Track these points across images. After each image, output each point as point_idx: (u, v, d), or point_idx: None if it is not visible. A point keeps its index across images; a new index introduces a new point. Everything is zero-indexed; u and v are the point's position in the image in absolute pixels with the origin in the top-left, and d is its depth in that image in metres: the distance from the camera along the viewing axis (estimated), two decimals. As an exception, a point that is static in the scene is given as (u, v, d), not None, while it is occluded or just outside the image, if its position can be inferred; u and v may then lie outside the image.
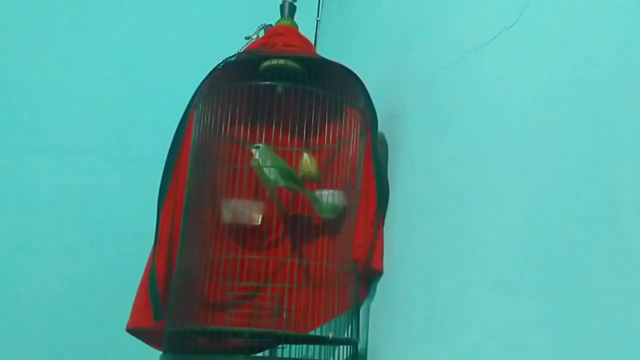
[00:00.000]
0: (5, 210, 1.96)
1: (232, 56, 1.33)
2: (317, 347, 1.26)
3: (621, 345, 0.57)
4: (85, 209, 2.01)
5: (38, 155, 2.02)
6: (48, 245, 1.95)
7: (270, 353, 1.35)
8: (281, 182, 1.27)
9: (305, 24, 1.52)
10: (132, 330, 1.28)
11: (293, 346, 1.28)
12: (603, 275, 0.60)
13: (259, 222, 1.37)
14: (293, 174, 1.29)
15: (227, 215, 1.34)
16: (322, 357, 1.24)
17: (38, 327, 1.89)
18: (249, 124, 1.34)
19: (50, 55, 2.12)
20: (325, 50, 1.75)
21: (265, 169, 1.26)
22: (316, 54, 1.39)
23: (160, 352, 1.26)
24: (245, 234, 1.38)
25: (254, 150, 1.26)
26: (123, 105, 2.12)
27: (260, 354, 1.36)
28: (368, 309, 1.26)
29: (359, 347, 1.24)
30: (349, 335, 1.23)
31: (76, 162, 2.04)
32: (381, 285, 1.21)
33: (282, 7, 1.45)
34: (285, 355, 1.28)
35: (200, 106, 1.33)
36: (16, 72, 2.08)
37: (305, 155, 1.33)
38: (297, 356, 1.29)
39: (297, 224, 1.36)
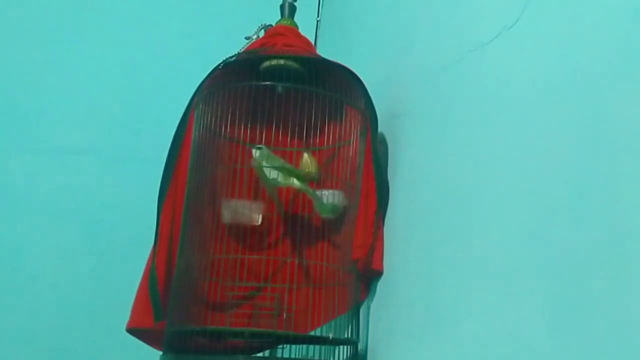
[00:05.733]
0: (4, 210, 1.96)
1: (232, 56, 1.32)
2: (317, 347, 1.26)
3: (622, 344, 0.57)
4: (85, 209, 2.01)
5: (38, 155, 2.02)
6: (47, 245, 1.95)
7: (270, 353, 1.35)
8: (282, 182, 1.27)
9: (305, 24, 1.52)
10: (132, 330, 1.28)
11: (293, 346, 1.28)
12: (604, 275, 0.60)
13: (259, 223, 1.37)
14: (294, 171, 1.29)
15: (227, 216, 1.34)
16: (322, 357, 1.24)
17: (37, 327, 1.88)
18: (249, 124, 1.34)
19: (50, 55, 2.11)
20: (325, 50, 1.75)
21: (265, 170, 1.26)
22: (316, 54, 1.39)
23: (161, 352, 1.26)
24: (245, 234, 1.38)
25: (254, 151, 1.26)
26: (123, 105, 2.12)
27: (260, 354, 1.36)
28: (368, 309, 1.26)
29: (359, 347, 1.24)
30: (349, 335, 1.23)
31: (76, 162, 2.04)
32: (381, 285, 1.21)
33: (282, 7, 1.45)
34: (285, 355, 1.28)
35: (200, 106, 1.33)
36: (16, 72, 2.08)
37: (306, 155, 1.33)
38: (297, 356, 1.29)
39: (297, 224, 1.36)
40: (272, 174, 1.26)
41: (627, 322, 0.56)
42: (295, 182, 1.27)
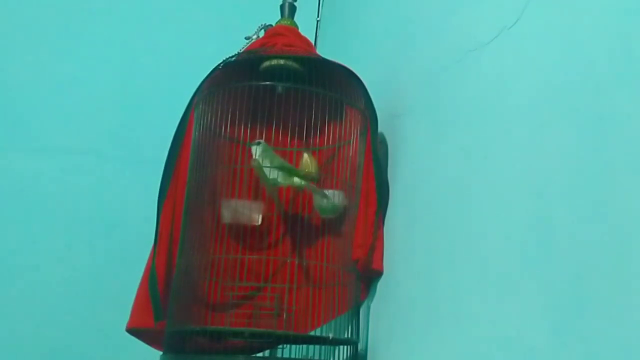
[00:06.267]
0: (5, 210, 1.96)
1: (232, 56, 1.33)
2: (317, 347, 1.26)
3: (622, 344, 0.57)
4: (85, 209, 2.01)
5: (38, 155, 2.02)
6: (48, 245, 1.95)
7: (270, 353, 1.35)
8: (281, 182, 1.27)
9: (305, 24, 1.52)
10: (132, 330, 1.28)
11: (293, 346, 1.28)
12: (604, 275, 0.60)
13: (259, 223, 1.37)
14: (294, 170, 1.29)
15: (227, 216, 1.34)
16: (322, 357, 1.24)
17: (38, 327, 1.88)
18: (249, 124, 1.34)
19: (50, 55, 2.11)
20: (325, 50, 1.75)
21: (265, 170, 1.26)
22: (316, 54, 1.39)
23: (161, 352, 1.26)
24: (245, 234, 1.38)
25: (253, 148, 1.26)
26: (123, 105, 2.12)
27: (260, 354, 1.36)
28: (368, 309, 1.26)
29: (359, 347, 1.24)
30: (349, 335, 1.23)
31: (76, 162, 2.04)
32: (381, 285, 1.21)
33: (282, 7, 1.45)
34: (286, 355, 1.28)
35: (200, 106, 1.33)
36: (16, 72, 2.08)
37: (305, 155, 1.33)
38: (297, 356, 1.29)
39: (297, 224, 1.36)
40: (272, 173, 1.26)
41: (628, 322, 0.56)
42: (296, 180, 1.28)
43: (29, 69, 2.08)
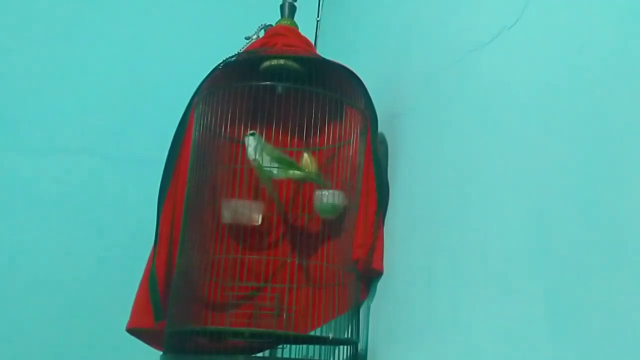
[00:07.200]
0: (4, 210, 1.96)
1: (232, 56, 1.33)
2: (317, 347, 1.26)
3: (622, 344, 0.57)
4: (85, 209, 2.01)
5: (38, 155, 2.02)
6: (48, 245, 1.95)
7: (271, 353, 1.35)
8: (277, 174, 1.27)
9: (305, 24, 1.52)
10: (132, 330, 1.28)
11: (293, 346, 1.28)
12: (604, 275, 0.60)
13: (259, 223, 1.37)
14: (292, 161, 1.29)
15: (227, 216, 1.34)
16: (322, 357, 1.24)
17: (38, 328, 1.88)
18: (249, 124, 1.34)
19: (49, 55, 2.11)
20: (325, 50, 1.75)
21: (263, 163, 1.25)
22: (316, 54, 1.39)
23: (161, 352, 1.26)
24: (245, 234, 1.38)
25: (247, 139, 1.25)
26: (123, 105, 2.12)
27: (260, 354, 1.36)
28: (368, 309, 1.26)
29: (359, 347, 1.24)
30: (349, 335, 1.23)
31: (76, 162, 2.04)
32: (381, 285, 1.21)
33: (282, 7, 1.45)
34: (286, 355, 1.29)
35: (200, 106, 1.33)
36: (15, 72, 2.08)
37: (305, 155, 1.33)
38: (297, 356, 1.29)
39: (297, 224, 1.36)
40: (266, 163, 1.26)
41: (628, 322, 0.56)
42: (296, 172, 1.27)
43: (28, 69, 2.08)
